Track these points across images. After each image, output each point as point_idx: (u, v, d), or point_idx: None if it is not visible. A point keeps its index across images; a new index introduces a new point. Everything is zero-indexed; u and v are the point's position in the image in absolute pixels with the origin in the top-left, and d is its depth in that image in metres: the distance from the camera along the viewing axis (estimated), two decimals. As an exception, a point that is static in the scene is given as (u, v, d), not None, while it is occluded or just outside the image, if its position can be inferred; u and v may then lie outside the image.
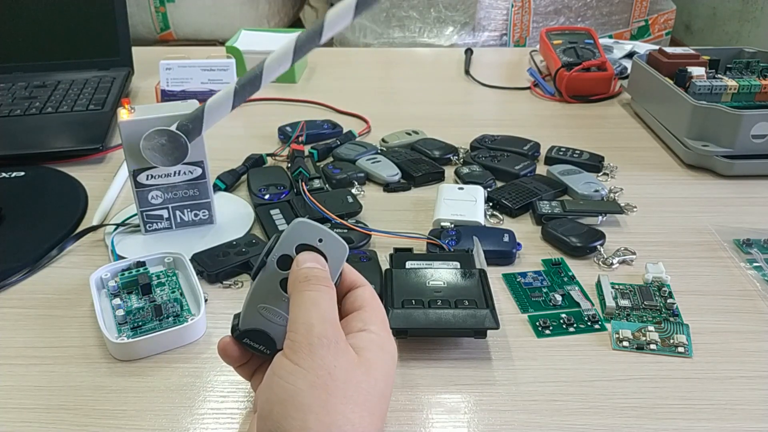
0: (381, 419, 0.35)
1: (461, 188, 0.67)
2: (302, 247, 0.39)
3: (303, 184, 0.67)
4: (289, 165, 0.74)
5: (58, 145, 0.79)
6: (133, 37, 1.01)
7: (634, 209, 0.68)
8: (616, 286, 0.55)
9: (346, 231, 0.60)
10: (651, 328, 0.50)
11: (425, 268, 0.52)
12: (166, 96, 0.94)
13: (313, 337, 0.34)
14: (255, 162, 0.75)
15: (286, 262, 0.38)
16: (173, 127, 0.55)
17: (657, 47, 0.92)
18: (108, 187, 0.70)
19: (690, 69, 0.80)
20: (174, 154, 0.56)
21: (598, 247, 0.59)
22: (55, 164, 0.76)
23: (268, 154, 0.77)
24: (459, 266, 0.52)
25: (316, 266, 0.38)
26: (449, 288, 0.49)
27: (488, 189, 0.69)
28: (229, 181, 0.71)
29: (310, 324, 0.35)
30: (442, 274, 0.51)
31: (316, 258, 0.38)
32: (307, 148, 0.78)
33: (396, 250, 0.57)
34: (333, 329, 0.35)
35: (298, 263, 0.38)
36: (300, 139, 0.80)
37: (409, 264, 0.53)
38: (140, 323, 0.49)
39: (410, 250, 0.58)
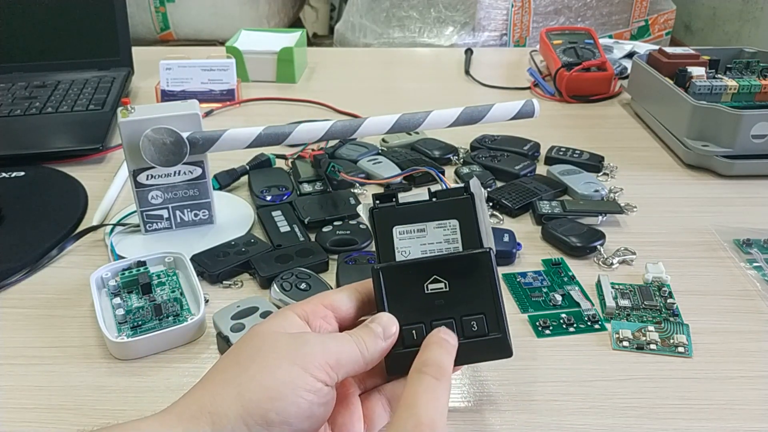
0: None
1: (461, 188, 0.67)
2: None
3: (342, 173, 0.68)
4: (317, 168, 0.72)
5: (58, 145, 0.79)
6: (133, 37, 1.01)
7: (634, 209, 0.68)
8: (616, 286, 0.55)
9: (348, 232, 0.61)
10: (651, 328, 0.50)
11: (417, 236, 0.42)
12: (166, 96, 0.94)
13: None
14: (261, 163, 0.74)
15: None
16: (185, 135, 0.55)
17: (657, 47, 0.92)
18: (108, 187, 0.70)
19: (690, 69, 0.80)
20: (169, 156, 0.56)
21: (598, 247, 0.59)
22: (55, 164, 0.76)
23: (277, 156, 0.77)
24: (458, 227, 0.42)
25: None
26: (453, 295, 0.40)
27: (488, 189, 0.69)
28: (224, 181, 0.71)
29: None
30: (443, 266, 0.41)
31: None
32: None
33: (376, 197, 0.43)
34: None
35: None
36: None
37: (397, 231, 0.42)
38: (140, 322, 0.49)
39: (395, 195, 0.43)
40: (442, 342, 0.37)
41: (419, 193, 0.44)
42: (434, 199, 0.42)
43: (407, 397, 0.35)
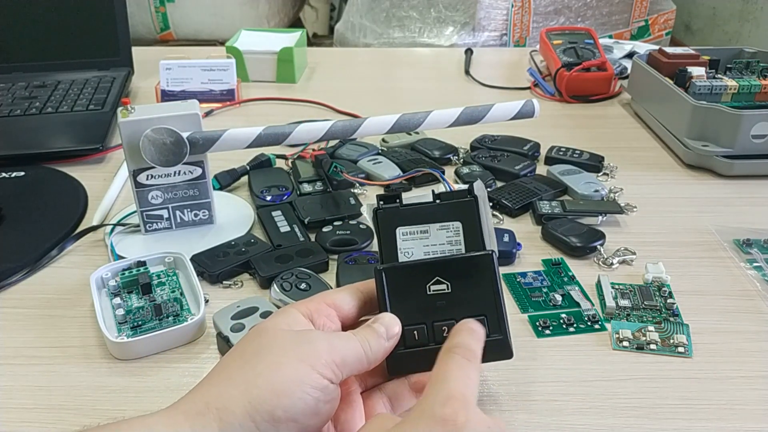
0: None
1: (461, 188, 0.67)
2: None
3: (345, 173, 0.67)
4: (318, 168, 0.72)
5: (58, 145, 0.79)
6: (133, 37, 1.01)
7: (634, 209, 0.68)
8: (616, 286, 0.55)
9: (349, 232, 0.61)
10: (651, 328, 0.50)
11: (420, 238, 0.42)
12: (166, 96, 0.94)
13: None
14: (261, 163, 0.74)
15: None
16: (185, 135, 0.55)
17: (657, 47, 0.92)
18: (108, 187, 0.70)
19: (690, 69, 0.80)
20: (169, 156, 0.56)
21: (598, 247, 0.59)
22: (55, 164, 0.76)
23: (277, 156, 0.77)
24: (461, 229, 0.42)
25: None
26: (455, 296, 0.40)
27: (488, 189, 0.69)
28: (224, 181, 0.71)
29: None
30: (446, 267, 0.41)
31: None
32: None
33: (380, 198, 0.43)
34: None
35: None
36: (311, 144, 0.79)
37: (401, 232, 0.42)
38: (140, 322, 0.49)
39: (399, 196, 0.43)
40: (472, 331, 0.37)
41: (422, 195, 0.44)
42: (438, 201, 0.43)
43: (437, 374, 0.34)
